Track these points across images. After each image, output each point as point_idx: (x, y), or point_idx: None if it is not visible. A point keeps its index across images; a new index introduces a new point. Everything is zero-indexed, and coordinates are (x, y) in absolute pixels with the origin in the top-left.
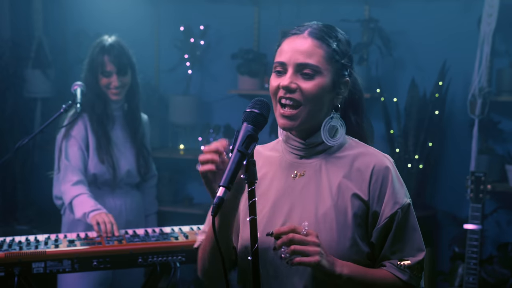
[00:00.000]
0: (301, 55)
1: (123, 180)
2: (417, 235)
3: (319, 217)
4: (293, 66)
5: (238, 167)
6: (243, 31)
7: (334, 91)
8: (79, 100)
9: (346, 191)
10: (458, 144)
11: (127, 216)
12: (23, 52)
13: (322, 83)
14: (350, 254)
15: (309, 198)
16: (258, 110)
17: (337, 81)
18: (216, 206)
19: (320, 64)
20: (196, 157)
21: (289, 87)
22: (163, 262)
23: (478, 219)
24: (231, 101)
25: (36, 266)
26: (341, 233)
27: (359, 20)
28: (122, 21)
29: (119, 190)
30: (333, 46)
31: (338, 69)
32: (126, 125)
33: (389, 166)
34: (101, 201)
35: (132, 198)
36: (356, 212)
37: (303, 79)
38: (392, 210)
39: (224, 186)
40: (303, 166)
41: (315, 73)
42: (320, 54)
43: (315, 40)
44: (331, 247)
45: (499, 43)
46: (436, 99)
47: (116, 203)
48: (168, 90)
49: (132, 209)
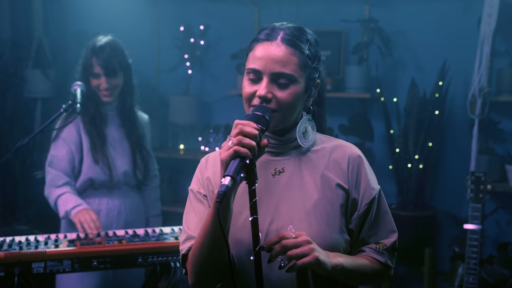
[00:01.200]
0: (276, 64)
1: (120, 181)
2: (389, 217)
3: (308, 211)
4: (268, 75)
5: (242, 160)
6: (243, 31)
7: (306, 94)
8: (79, 100)
9: (330, 182)
10: (458, 144)
11: (126, 217)
12: (23, 52)
13: (296, 90)
14: (341, 243)
15: (294, 193)
16: (261, 113)
17: (309, 85)
18: (223, 193)
19: (295, 73)
20: (196, 157)
21: (266, 97)
22: (163, 262)
23: (478, 219)
24: (231, 101)
25: (36, 266)
26: (332, 224)
27: (359, 20)
28: (122, 21)
29: (117, 191)
30: (306, 52)
31: (310, 73)
32: (122, 126)
33: (361, 155)
34: (99, 202)
35: (131, 199)
36: (342, 202)
37: (278, 88)
38: (370, 197)
39: (230, 175)
40: (281, 163)
41: (290, 82)
42: (294, 62)
43: (289, 47)
44: (324, 239)
45: (499, 43)
46: (436, 99)
47: (115, 204)
48: (168, 90)
49: (132, 210)
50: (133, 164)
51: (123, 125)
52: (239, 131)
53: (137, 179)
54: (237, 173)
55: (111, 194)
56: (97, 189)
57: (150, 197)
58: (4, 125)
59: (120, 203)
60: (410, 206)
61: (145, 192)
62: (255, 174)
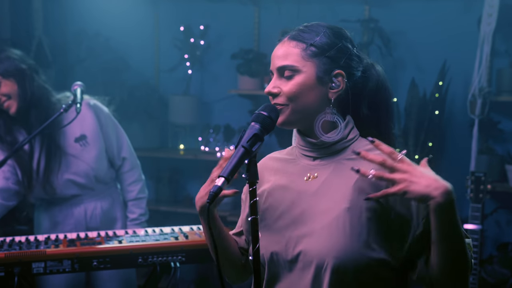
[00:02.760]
0: (278, 59)
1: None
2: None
3: (331, 221)
4: (275, 71)
5: (239, 162)
6: (243, 31)
7: (323, 86)
8: (79, 100)
9: (362, 194)
10: (458, 144)
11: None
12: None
13: (301, 80)
14: (367, 260)
15: (322, 200)
16: (267, 113)
17: (323, 75)
18: (213, 194)
19: (297, 63)
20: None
21: (271, 92)
22: (163, 262)
23: (478, 219)
24: (231, 101)
25: (36, 266)
26: (355, 238)
27: (359, 20)
28: (122, 21)
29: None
30: (310, 42)
31: (322, 63)
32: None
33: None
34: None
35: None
36: (371, 216)
37: (284, 81)
38: (426, 209)
39: (224, 176)
40: (316, 169)
41: (294, 73)
42: (296, 53)
43: (291, 41)
44: (345, 251)
45: (499, 43)
46: (436, 99)
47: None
48: (168, 90)
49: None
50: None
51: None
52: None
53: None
54: (231, 174)
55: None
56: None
57: (123, 181)
58: None
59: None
60: None
61: (119, 177)
62: (256, 174)
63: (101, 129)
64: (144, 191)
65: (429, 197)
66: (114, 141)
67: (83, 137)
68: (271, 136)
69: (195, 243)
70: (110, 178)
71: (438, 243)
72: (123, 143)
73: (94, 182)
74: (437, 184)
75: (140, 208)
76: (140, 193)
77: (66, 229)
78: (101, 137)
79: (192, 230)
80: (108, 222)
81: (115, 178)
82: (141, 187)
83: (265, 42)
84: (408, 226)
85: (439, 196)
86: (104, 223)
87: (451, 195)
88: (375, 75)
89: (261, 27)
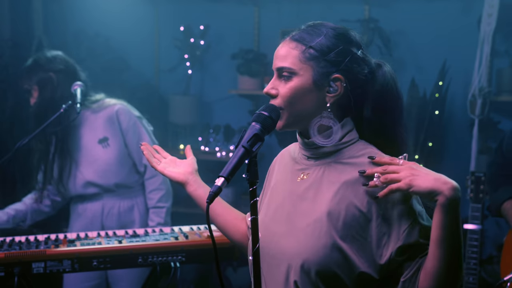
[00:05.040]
0: (278, 60)
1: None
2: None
3: (309, 224)
4: (275, 72)
5: (239, 162)
6: (243, 31)
7: (320, 90)
8: (79, 100)
9: (343, 200)
10: (458, 144)
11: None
12: (23, 52)
13: (298, 83)
14: (331, 264)
15: (306, 202)
16: (267, 113)
17: (321, 79)
18: (213, 194)
19: (294, 65)
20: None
21: (269, 93)
22: (163, 262)
23: (478, 219)
24: (231, 101)
25: (36, 266)
26: (328, 242)
27: (359, 20)
28: (122, 21)
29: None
30: (309, 44)
31: (320, 66)
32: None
33: None
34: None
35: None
36: (350, 223)
37: (282, 82)
38: (408, 221)
39: (224, 176)
40: (309, 169)
41: (291, 75)
42: (295, 55)
43: (292, 42)
44: (313, 254)
45: (499, 43)
46: (436, 99)
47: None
48: (168, 90)
49: (112, 215)
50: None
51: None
52: None
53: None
54: (231, 174)
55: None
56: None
57: (149, 187)
58: (4, 125)
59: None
60: None
61: (145, 186)
62: (256, 174)
63: (122, 133)
64: (165, 201)
65: (437, 191)
66: (135, 147)
67: (105, 139)
68: (271, 136)
69: (195, 243)
70: (134, 183)
71: (439, 243)
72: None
73: (113, 183)
74: (445, 179)
75: (159, 217)
76: (160, 202)
77: (83, 222)
78: (122, 140)
79: (192, 230)
80: (124, 224)
81: (142, 183)
82: (162, 196)
83: (265, 42)
84: (388, 238)
85: (448, 190)
86: (120, 224)
87: (458, 192)
88: (381, 78)
89: (261, 27)
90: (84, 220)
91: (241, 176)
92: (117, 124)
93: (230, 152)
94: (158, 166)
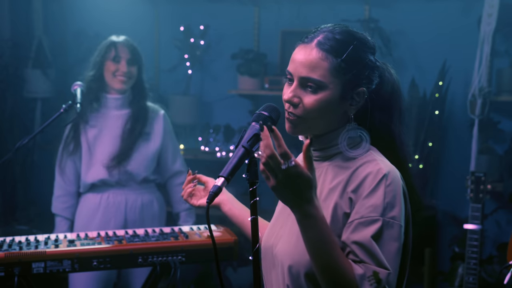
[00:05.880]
0: (304, 69)
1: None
2: (385, 249)
3: (297, 227)
4: (297, 79)
5: (240, 162)
6: (243, 31)
7: (345, 103)
8: (79, 100)
9: (330, 201)
10: (458, 144)
11: (126, 215)
12: (23, 52)
13: (326, 97)
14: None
15: None
16: (267, 113)
17: (347, 93)
18: (213, 194)
19: (324, 78)
20: (196, 157)
21: (291, 101)
22: (163, 262)
23: (478, 219)
24: (231, 101)
25: (36, 266)
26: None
27: (359, 20)
28: (122, 21)
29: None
30: (341, 57)
31: (349, 80)
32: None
33: (387, 175)
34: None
35: (136, 197)
36: (336, 224)
37: (306, 92)
38: (365, 217)
39: (223, 176)
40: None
41: (318, 88)
42: (325, 67)
43: (321, 51)
44: (300, 256)
45: (499, 43)
46: (436, 99)
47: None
48: (168, 90)
49: (136, 208)
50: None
51: (127, 121)
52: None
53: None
54: (231, 174)
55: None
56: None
57: (176, 193)
58: (4, 125)
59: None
60: None
61: (170, 189)
62: (256, 174)
63: (164, 134)
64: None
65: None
66: (171, 150)
67: (147, 133)
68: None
69: (195, 243)
70: (153, 180)
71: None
72: (178, 156)
73: (142, 176)
74: (298, 202)
75: (192, 217)
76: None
77: (106, 216)
78: (161, 141)
79: (192, 230)
80: (147, 217)
81: (158, 183)
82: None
83: (265, 42)
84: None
85: (296, 214)
86: (143, 217)
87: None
88: (390, 80)
89: (261, 27)
90: (106, 212)
91: (241, 176)
92: (162, 125)
93: (230, 152)
94: (196, 202)
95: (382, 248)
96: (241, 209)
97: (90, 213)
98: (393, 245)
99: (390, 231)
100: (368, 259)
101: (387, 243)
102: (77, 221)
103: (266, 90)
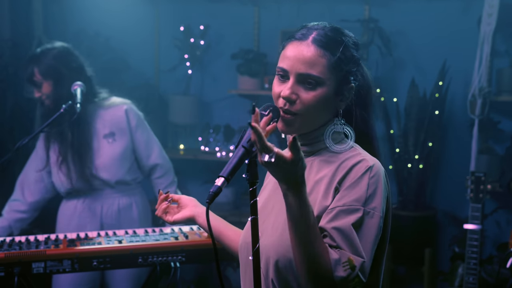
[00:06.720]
0: (303, 65)
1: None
2: (364, 239)
3: (281, 221)
4: (294, 76)
5: (239, 162)
6: (243, 31)
7: (337, 98)
8: (79, 100)
9: (316, 194)
10: (458, 144)
11: (103, 219)
12: (23, 52)
13: (323, 93)
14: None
15: (281, 199)
16: (267, 113)
17: (340, 88)
18: (213, 194)
19: (322, 75)
20: (196, 157)
21: (290, 98)
22: (163, 262)
23: (478, 219)
24: (231, 101)
25: (36, 266)
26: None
27: (359, 20)
28: (122, 21)
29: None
30: (337, 54)
31: (342, 76)
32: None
33: (371, 167)
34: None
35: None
36: (320, 216)
37: (304, 89)
38: (345, 206)
39: (223, 176)
40: None
41: (317, 84)
42: (323, 63)
43: (318, 48)
44: (282, 253)
45: (499, 43)
46: (436, 99)
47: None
48: (168, 90)
49: (112, 212)
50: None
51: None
52: None
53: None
54: (231, 174)
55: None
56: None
57: (156, 188)
58: (4, 125)
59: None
60: (410, 206)
61: (152, 184)
62: (256, 174)
63: (130, 130)
64: (177, 193)
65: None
66: (143, 145)
67: (112, 134)
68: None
69: (195, 243)
70: (132, 180)
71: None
72: (153, 148)
73: (114, 179)
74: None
75: None
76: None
77: (82, 222)
78: (129, 138)
79: (192, 230)
80: (124, 222)
81: (139, 182)
82: (174, 191)
83: (265, 42)
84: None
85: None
86: (120, 222)
87: None
88: (366, 74)
89: (261, 27)
90: (83, 220)
91: (241, 176)
92: (126, 122)
93: (230, 152)
94: (170, 219)
95: (361, 237)
96: (216, 220)
97: (67, 219)
98: (371, 235)
99: (370, 221)
100: (345, 245)
101: (366, 233)
102: (58, 227)
103: (266, 90)
